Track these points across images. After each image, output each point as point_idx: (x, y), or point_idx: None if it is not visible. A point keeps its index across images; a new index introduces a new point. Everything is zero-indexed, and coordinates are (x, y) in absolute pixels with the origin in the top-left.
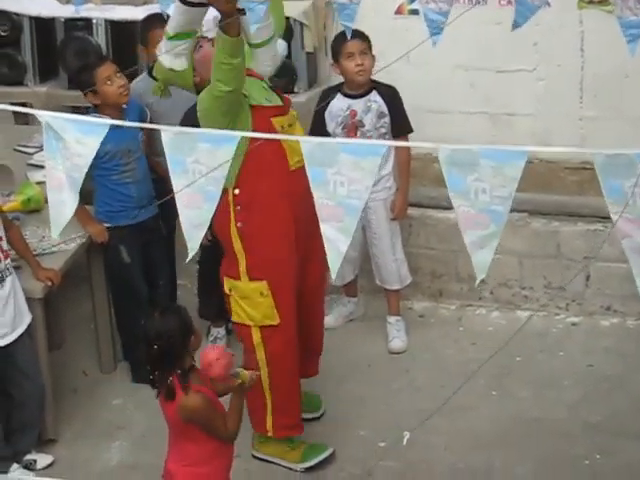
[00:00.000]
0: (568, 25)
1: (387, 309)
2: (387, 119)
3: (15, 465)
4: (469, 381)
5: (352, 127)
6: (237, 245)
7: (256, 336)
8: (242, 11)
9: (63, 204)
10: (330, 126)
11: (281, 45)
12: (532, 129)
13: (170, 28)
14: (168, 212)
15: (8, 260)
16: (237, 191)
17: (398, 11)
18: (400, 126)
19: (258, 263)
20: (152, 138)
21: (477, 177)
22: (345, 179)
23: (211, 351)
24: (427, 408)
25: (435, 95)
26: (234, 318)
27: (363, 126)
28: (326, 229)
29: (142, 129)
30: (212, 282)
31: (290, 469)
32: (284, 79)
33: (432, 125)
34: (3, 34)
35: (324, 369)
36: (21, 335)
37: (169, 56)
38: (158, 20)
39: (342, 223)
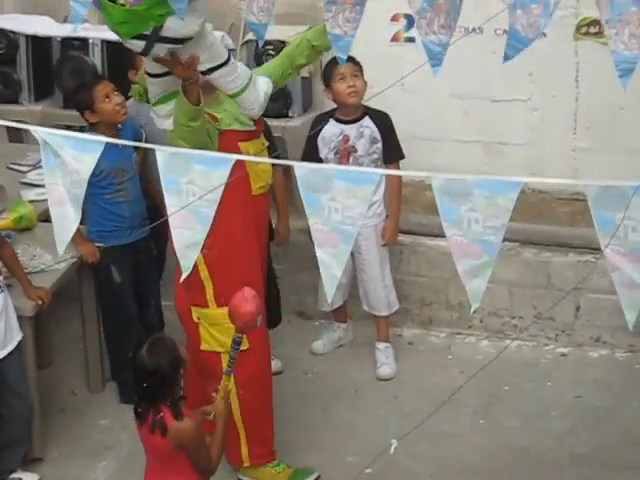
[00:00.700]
0: (564, 56)
1: (376, 335)
2: (380, 145)
3: None
4: (457, 409)
5: (345, 153)
6: (203, 273)
7: (225, 363)
8: (205, 73)
9: (66, 219)
10: (323, 152)
11: (263, 84)
12: (526, 159)
13: (151, 96)
14: (159, 236)
15: (0, 277)
16: None
17: (394, 38)
18: (392, 152)
19: (225, 288)
20: (146, 161)
21: (470, 207)
22: (340, 205)
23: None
24: (414, 435)
25: (429, 123)
26: (203, 347)
27: (356, 151)
28: (321, 254)
29: (136, 149)
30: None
31: None
32: (279, 103)
33: (425, 152)
34: None
35: (312, 394)
36: (11, 352)
37: (160, 119)
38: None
39: (336, 249)
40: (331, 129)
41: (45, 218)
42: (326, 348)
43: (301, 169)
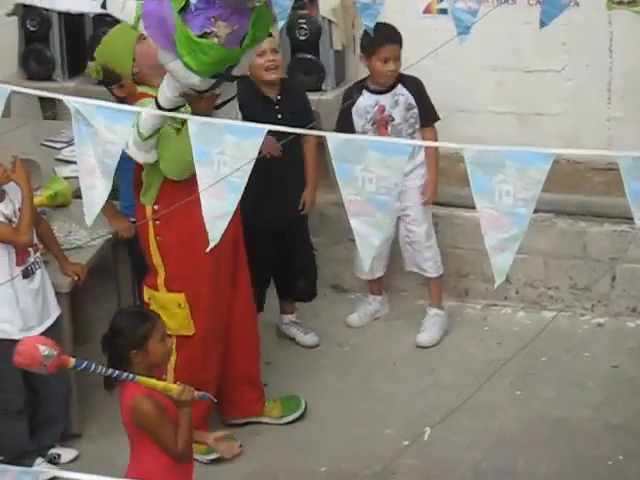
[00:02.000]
0: (597, 25)
1: (429, 299)
2: (415, 110)
3: (40, 459)
4: (494, 380)
5: (382, 122)
6: (156, 258)
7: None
8: (217, 107)
9: (96, 190)
10: (358, 124)
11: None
12: (560, 129)
13: (145, 130)
14: None
15: (38, 254)
16: (157, 207)
17: (427, 10)
18: (427, 116)
19: (176, 276)
20: None
21: (502, 179)
22: (373, 176)
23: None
24: (452, 407)
25: (463, 94)
26: None
27: (393, 120)
28: (357, 224)
29: None
30: (252, 273)
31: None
32: (312, 77)
33: (459, 124)
34: (32, 29)
35: (349, 367)
36: (49, 328)
37: (142, 152)
38: None
39: (374, 218)
40: (365, 100)
41: (80, 195)
42: (362, 321)
43: (334, 140)
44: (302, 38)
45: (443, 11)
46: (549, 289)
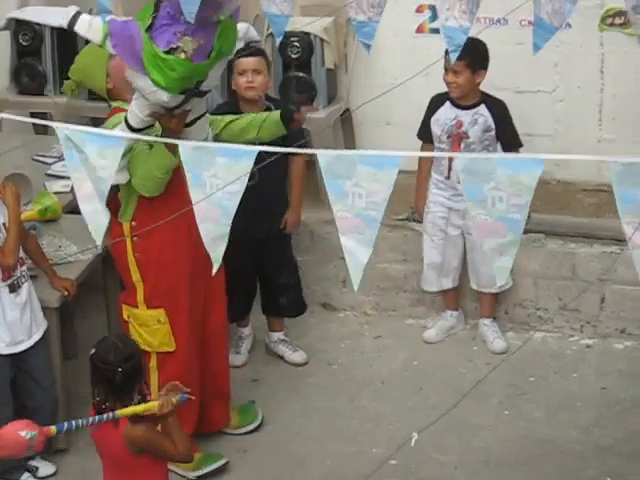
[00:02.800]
0: (589, 47)
1: (480, 312)
2: (493, 133)
3: (27, 474)
4: (482, 400)
5: (457, 137)
6: (135, 275)
7: (153, 361)
8: (188, 124)
9: (98, 212)
10: (436, 133)
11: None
12: (550, 150)
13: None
14: None
15: (24, 267)
16: (134, 223)
17: (419, 30)
18: (509, 141)
19: (156, 291)
20: None
21: (494, 186)
22: (363, 191)
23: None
24: (440, 426)
25: None
26: None
27: (468, 138)
28: (346, 241)
29: None
30: (234, 284)
31: (183, 477)
32: (304, 95)
33: None
34: (25, 44)
35: (337, 386)
36: (37, 342)
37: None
38: None
39: (363, 235)
40: (446, 112)
41: (70, 210)
42: (438, 337)
43: (324, 157)
44: (294, 56)
45: (435, 31)
46: (538, 309)
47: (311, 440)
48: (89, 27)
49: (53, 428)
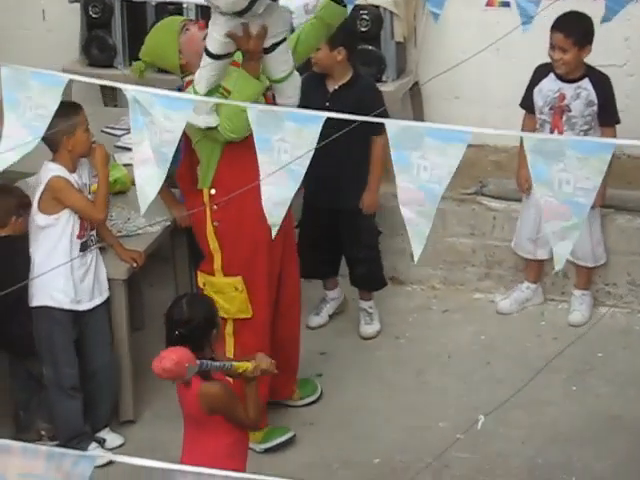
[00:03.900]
0: None
1: (575, 282)
2: (595, 107)
3: (94, 444)
4: (549, 376)
5: (559, 110)
6: (213, 244)
7: (228, 327)
8: (268, 50)
9: (150, 179)
10: (538, 104)
11: (298, 76)
12: (622, 124)
13: (201, 87)
14: None
15: (93, 232)
16: (213, 191)
17: (489, 3)
18: (608, 116)
19: (233, 260)
20: None
21: (562, 168)
22: (429, 164)
23: (169, 350)
24: (508, 402)
25: (523, 89)
26: None
27: (570, 111)
28: (406, 212)
29: None
30: (314, 240)
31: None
32: (372, 68)
33: (519, 118)
34: (94, 16)
35: (404, 360)
36: (97, 307)
37: (203, 115)
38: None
39: (423, 207)
40: (549, 84)
41: None
42: (512, 308)
43: (392, 127)
44: (363, 29)
45: (505, 4)
46: (607, 285)
47: (377, 414)
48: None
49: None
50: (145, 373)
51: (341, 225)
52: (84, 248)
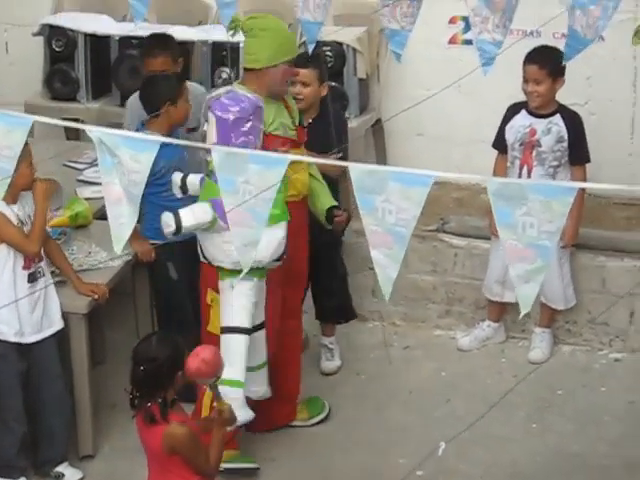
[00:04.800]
0: (621, 60)
1: (538, 320)
2: (565, 144)
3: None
4: (509, 412)
5: (529, 145)
6: None
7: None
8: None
9: (123, 218)
10: (509, 140)
11: None
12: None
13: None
14: None
15: (43, 263)
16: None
17: (452, 41)
18: (578, 154)
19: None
20: None
21: (525, 211)
22: (393, 207)
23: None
24: (468, 438)
25: (487, 126)
26: (209, 328)
27: (540, 146)
28: (376, 255)
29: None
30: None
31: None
32: (336, 104)
33: (482, 155)
34: (58, 50)
35: (365, 395)
36: (46, 338)
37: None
38: (157, 45)
39: (391, 250)
40: (521, 120)
41: (100, 215)
42: (471, 345)
43: (356, 171)
44: (327, 66)
45: (468, 42)
46: (567, 323)
47: (338, 449)
48: (194, 215)
49: None
50: (105, 407)
51: (317, 256)
52: (32, 279)
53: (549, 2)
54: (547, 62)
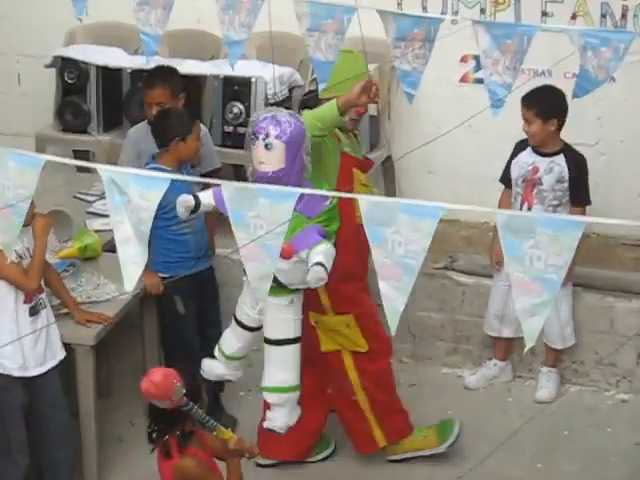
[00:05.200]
0: (633, 101)
1: (543, 360)
2: (566, 185)
3: None
4: (515, 452)
5: (530, 183)
6: (320, 290)
7: (348, 361)
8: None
9: (133, 258)
10: (514, 175)
11: None
12: (592, 203)
13: (226, 348)
14: None
15: (43, 294)
16: None
17: (463, 79)
18: (578, 196)
19: (340, 300)
20: None
21: (533, 244)
22: (403, 239)
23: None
24: (473, 477)
25: (495, 164)
26: (323, 348)
27: (541, 184)
28: (384, 287)
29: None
30: None
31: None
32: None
33: (492, 193)
34: (70, 82)
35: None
36: (50, 370)
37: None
38: (157, 76)
39: (400, 282)
40: (526, 157)
41: (109, 248)
42: (479, 384)
43: (365, 203)
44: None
45: (479, 80)
46: (574, 363)
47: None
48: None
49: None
50: (111, 440)
51: None
52: (34, 312)
53: (561, 42)
54: (535, 104)
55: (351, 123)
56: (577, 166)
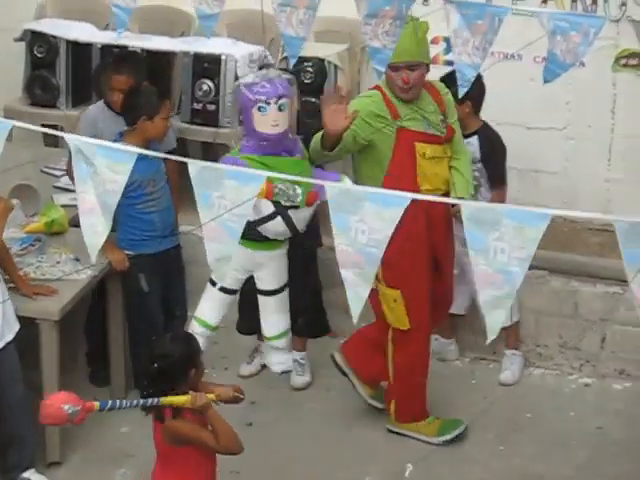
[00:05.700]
0: (601, 86)
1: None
2: (479, 165)
3: None
4: (478, 434)
5: None
6: None
7: (390, 334)
8: None
9: (96, 228)
10: None
11: None
12: (558, 187)
13: (213, 320)
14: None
15: None
16: None
17: (433, 61)
18: (492, 178)
19: (392, 274)
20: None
21: (498, 236)
22: (366, 227)
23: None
24: (435, 458)
25: None
26: (398, 325)
27: None
28: (346, 274)
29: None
30: (252, 298)
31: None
32: (316, 120)
33: None
34: (40, 56)
35: (335, 411)
36: (7, 344)
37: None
38: (126, 65)
39: (362, 271)
40: None
41: (76, 223)
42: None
43: (332, 190)
44: (307, 81)
45: (450, 63)
46: (538, 346)
47: (305, 465)
48: None
49: (97, 404)
50: None
51: (291, 270)
52: None
53: (532, 26)
54: (448, 86)
55: (404, 94)
56: (489, 146)
